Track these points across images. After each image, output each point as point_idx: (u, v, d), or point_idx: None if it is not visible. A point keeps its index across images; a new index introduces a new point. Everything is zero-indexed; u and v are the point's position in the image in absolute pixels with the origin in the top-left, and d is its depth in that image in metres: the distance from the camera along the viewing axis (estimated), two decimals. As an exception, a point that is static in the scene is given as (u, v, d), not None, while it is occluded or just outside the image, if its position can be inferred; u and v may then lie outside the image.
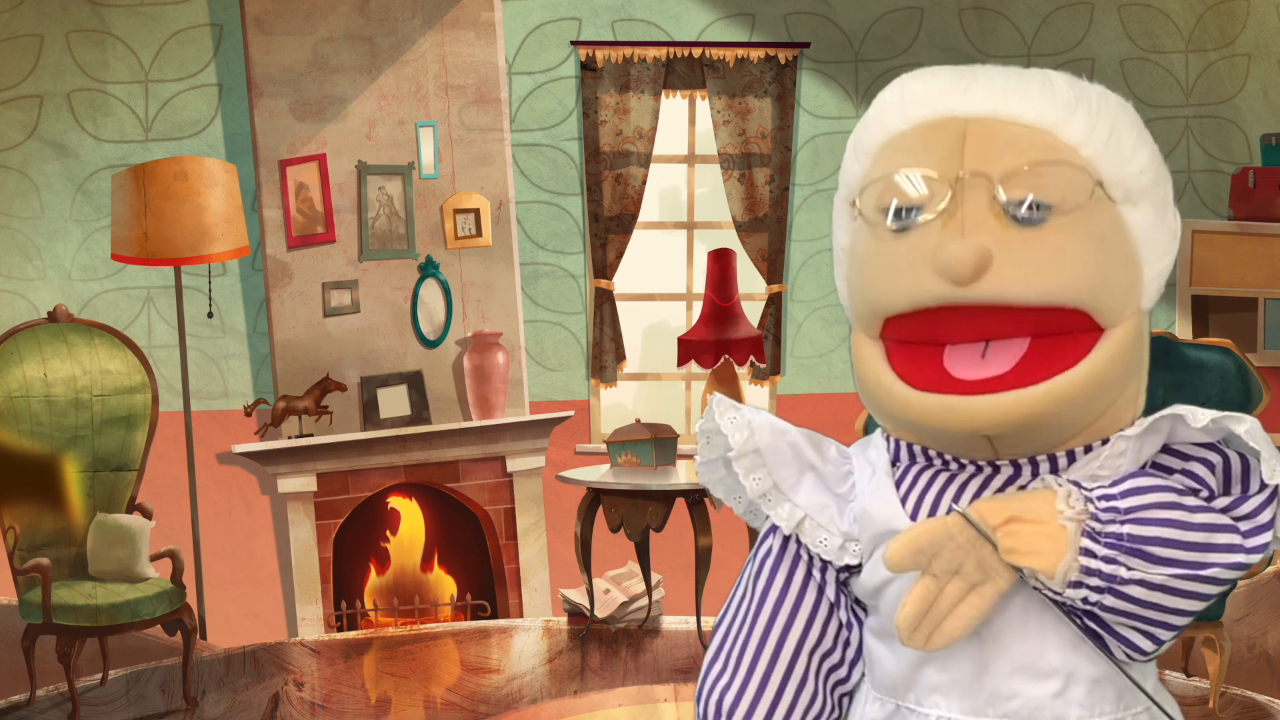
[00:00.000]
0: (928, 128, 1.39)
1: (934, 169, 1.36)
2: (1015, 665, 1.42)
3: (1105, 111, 1.40)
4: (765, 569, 1.56)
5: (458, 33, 6.92)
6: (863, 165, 1.44)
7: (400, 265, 6.89)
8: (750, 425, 1.52)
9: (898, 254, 1.36)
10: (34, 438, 5.13)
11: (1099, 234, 1.35)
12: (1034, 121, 1.37)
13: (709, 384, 5.77)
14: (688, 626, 5.95)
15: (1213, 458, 1.41)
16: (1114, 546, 1.31)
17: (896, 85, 1.46)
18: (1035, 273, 1.32)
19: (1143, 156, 1.41)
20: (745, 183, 7.12)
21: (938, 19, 7.09)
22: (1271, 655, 5.22)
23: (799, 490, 1.52)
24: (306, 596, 6.71)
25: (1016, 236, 1.32)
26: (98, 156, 6.73)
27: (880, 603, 1.49)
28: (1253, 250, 6.65)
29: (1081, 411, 1.37)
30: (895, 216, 1.36)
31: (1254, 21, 6.90)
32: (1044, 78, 1.40)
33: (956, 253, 1.31)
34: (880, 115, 1.44)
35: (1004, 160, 1.34)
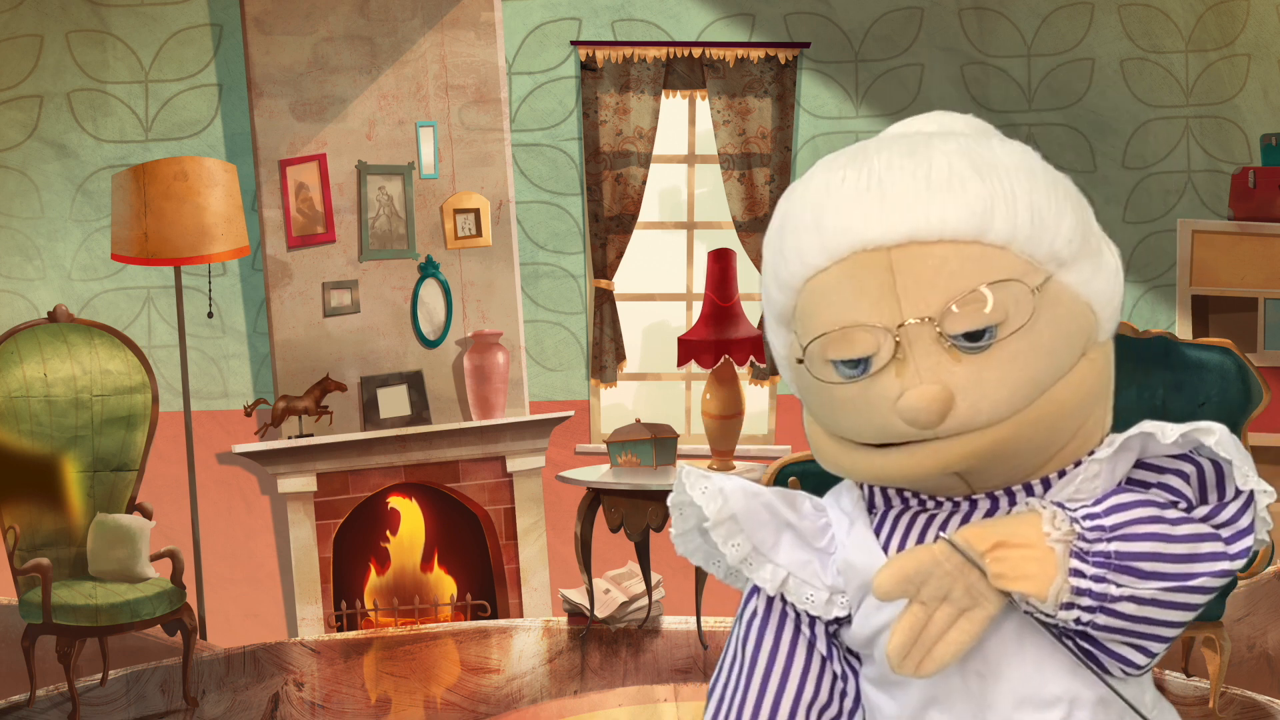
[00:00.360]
0: (852, 265, 1.37)
1: (872, 319, 1.34)
2: (1018, 698, 1.41)
3: (1018, 193, 1.36)
4: (753, 632, 1.55)
5: (458, 33, 6.92)
6: (787, 298, 1.44)
7: (400, 265, 6.89)
8: (723, 493, 1.51)
9: (856, 400, 1.36)
10: (34, 438, 5.13)
11: (1050, 326, 1.35)
12: (955, 235, 1.34)
13: (709, 384, 5.77)
14: (688, 626, 5.95)
15: (1186, 468, 1.41)
16: (1102, 565, 1.31)
17: (803, 202, 1.42)
18: (999, 397, 1.33)
19: (1067, 222, 1.38)
20: (745, 183, 7.12)
21: (938, 19, 7.09)
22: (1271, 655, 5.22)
23: (779, 550, 1.51)
24: (306, 596, 6.71)
25: (971, 365, 1.33)
26: (98, 156, 6.73)
27: (875, 651, 1.48)
28: (1253, 250, 6.65)
29: (1047, 437, 1.37)
30: (846, 368, 1.36)
31: (1254, 21, 6.90)
32: (949, 179, 1.35)
33: (919, 403, 1.31)
34: (797, 249, 1.41)
35: (940, 294, 1.33)
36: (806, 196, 1.42)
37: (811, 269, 1.40)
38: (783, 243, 1.44)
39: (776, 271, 1.45)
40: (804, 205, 1.42)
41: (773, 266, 1.46)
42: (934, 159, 1.37)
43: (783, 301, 1.45)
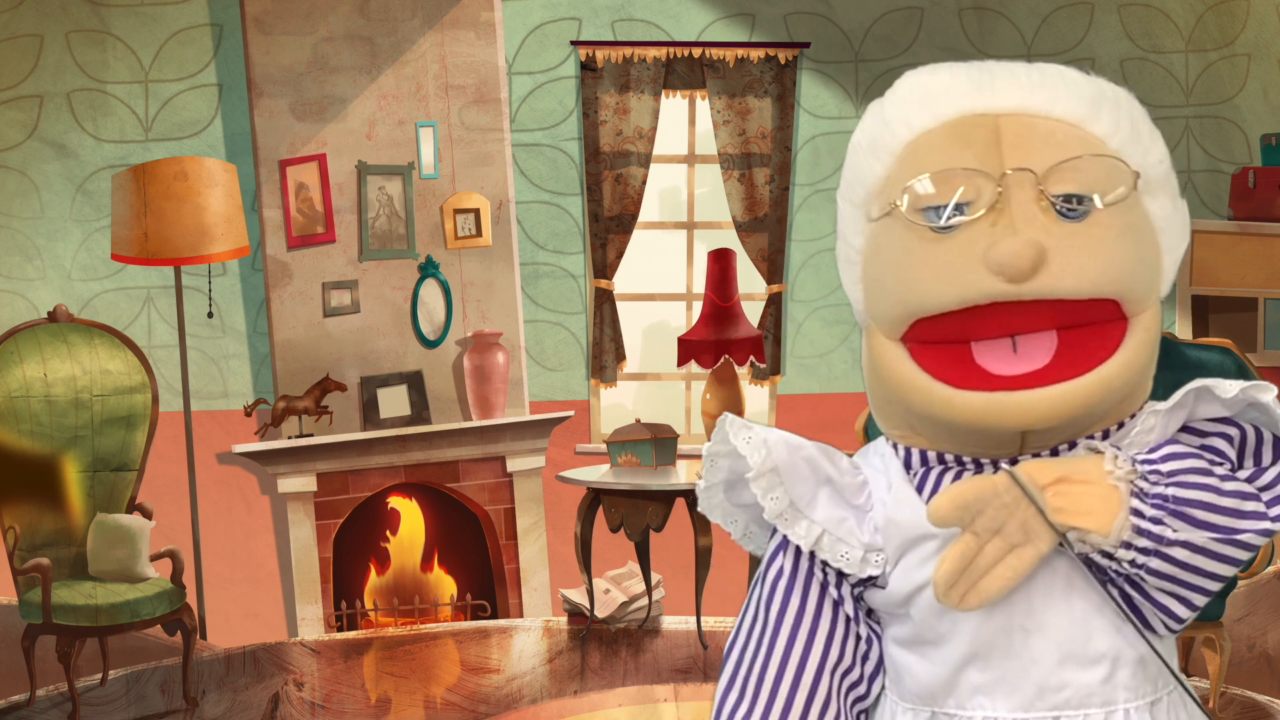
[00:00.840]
0: (958, 124, 1.38)
1: (976, 164, 1.35)
2: (1064, 654, 1.41)
3: (1123, 104, 1.42)
4: (779, 590, 1.52)
5: (458, 33, 6.92)
6: (885, 165, 1.42)
7: (400, 265, 6.89)
8: (767, 443, 1.48)
9: (943, 253, 1.34)
10: (34, 438, 5.13)
11: (1134, 225, 1.37)
12: (1063, 116, 1.38)
13: (709, 384, 5.77)
14: (688, 626, 5.95)
15: (1231, 431, 1.42)
16: (1160, 507, 1.32)
17: (912, 83, 1.44)
18: (1086, 266, 1.33)
19: (1159, 147, 1.43)
20: (745, 183, 7.12)
21: (938, 19, 7.09)
22: (1271, 655, 5.22)
23: (815, 506, 1.48)
24: (306, 596, 6.71)
25: (1065, 230, 1.33)
26: (98, 156, 6.73)
27: (912, 609, 1.46)
28: (1253, 250, 6.65)
29: (1117, 398, 1.38)
30: (938, 215, 1.35)
31: (1254, 21, 6.90)
32: (1061, 73, 1.41)
33: (1014, 249, 1.30)
34: (904, 114, 1.42)
35: (1045, 155, 1.35)
36: (913, 80, 1.44)
37: (916, 130, 1.41)
38: (885, 118, 1.44)
39: (877, 140, 1.44)
40: (909, 85, 1.44)
41: (869, 139, 1.45)
42: (1044, 66, 1.42)
43: (876, 173, 1.43)
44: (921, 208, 1.36)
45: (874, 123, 1.46)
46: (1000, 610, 1.41)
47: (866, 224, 1.44)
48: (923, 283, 1.36)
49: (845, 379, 7.23)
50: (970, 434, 1.40)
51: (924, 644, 1.47)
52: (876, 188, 1.43)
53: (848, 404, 6.63)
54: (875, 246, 1.43)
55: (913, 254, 1.37)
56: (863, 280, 1.46)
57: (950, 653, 1.44)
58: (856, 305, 1.49)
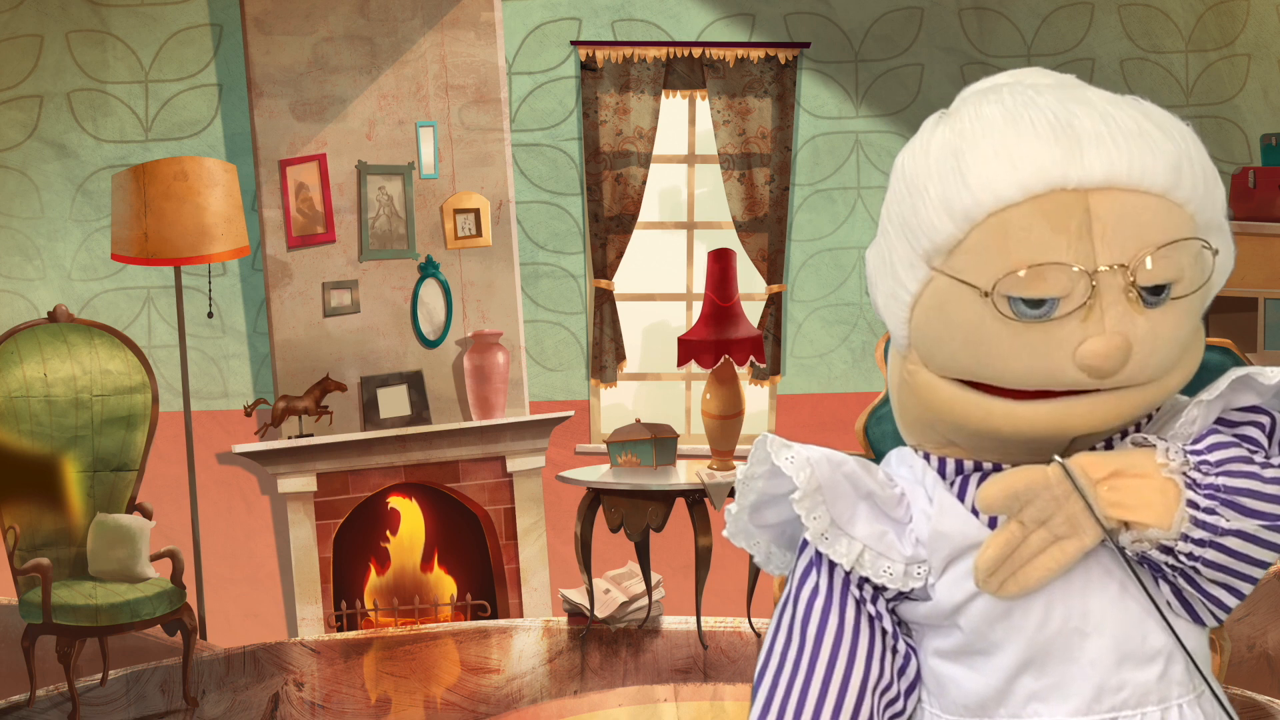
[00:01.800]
0: (1047, 203, 1.32)
1: (1070, 259, 1.31)
2: (1122, 654, 1.41)
3: (1195, 156, 1.37)
4: (815, 610, 1.47)
5: (458, 33, 6.92)
6: (960, 228, 1.35)
7: (400, 265, 6.89)
8: (810, 462, 1.44)
9: (1031, 342, 1.32)
10: (34, 438, 5.13)
11: (1205, 292, 1.38)
12: (1150, 188, 1.33)
13: (709, 384, 5.77)
14: (688, 626, 5.95)
15: (1262, 419, 1.43)
16: (1213, 498, 1.32)
17: (989, 139, 1.34)
18: (1167, 354, 1.34)
19: (1220, 190, 1.40)
20: (745, 183, 7.12)
21: (938, 19, 7.09)
22: (1271, 655, 5.22)
23: (855, 523, 1.45)
24: (306, 596, 6.71)
25: (1149, 320, 1.33)
26: (98, 156, 6.73)
27: (962, 619, 1.43)
28: (1253, 250, 6.65)
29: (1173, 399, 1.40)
30: (1029, 307, 1.32)
31: (1254, 21, 6.90)
32: (1140, 130, 1.34)
33: (1104, 351, 1.30)
34: (986, 180, 1.34)
35: (1137, 244, 1.32)
36: (991, 135, 1.35)
37: (1001, 202, 1.33)
38: (962, 170, 1.35)
39: (949, 200, 1.35)
40: (989, 142, 1.35)
41: (941, 194, 1.36)
42: (1109, 109, 1.36)
43: (949, 233, 1.36)
44: (1011, 295, 1.33)
45: (947, 172, 1.37)
46: (1056, 615, 1.40)
47: (928, 272, 1.39)
48: (1003, 365, 1.34)
49: (845, 379, 7.23)
50: (1029, 443, 1.38)
51: (973, 654, 1.45)
52: (946, 245, 1.37)
53: (848, 404, 6.63)
54: (939, 302, 1.38)
55: (995, 336, 1.34)
56: (912, 324, 1.42)
57: (1003, 661, 1.43)
58: (896, 334, 1.45)
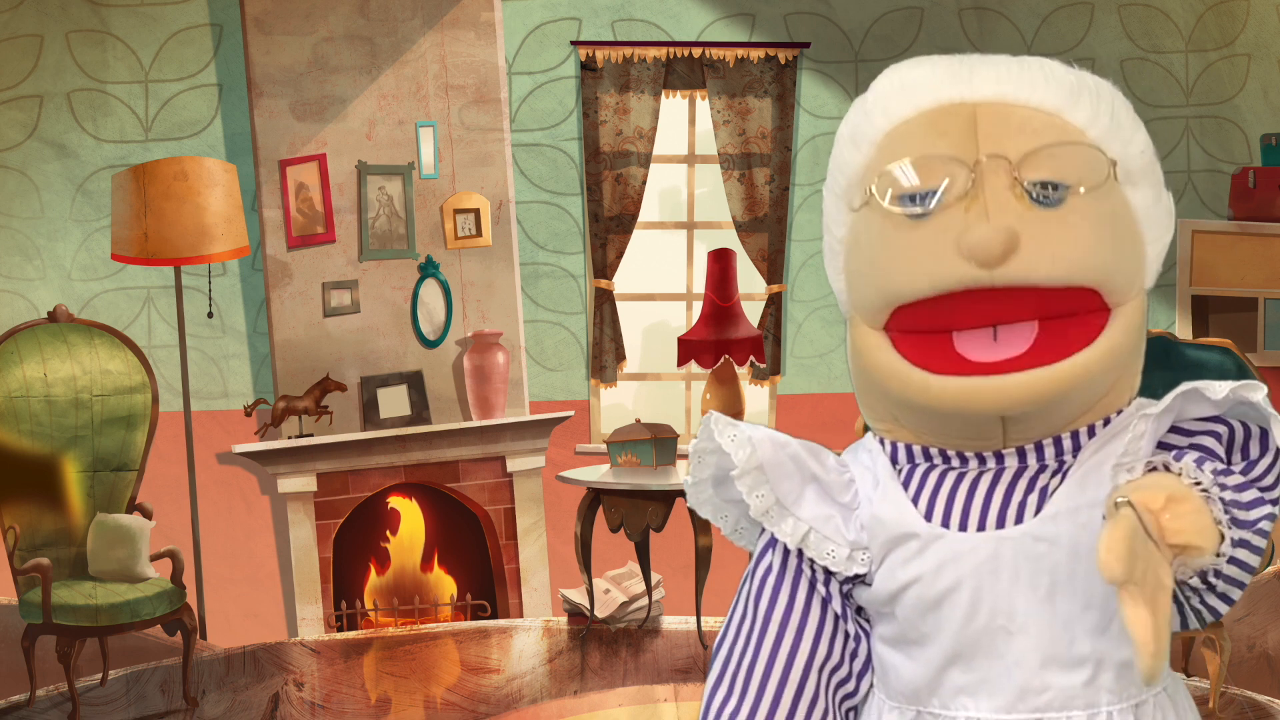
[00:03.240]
0: (935, 113, 1.39)
1: (951, 151, 1.35)
2: (1045, 656, 1.40)
3: (1103, 95, 1.42)
4: (767, 587, 1.52)
5: (458, 33, 6.92)
6: (865, 155, 1.43)
7: (400, 265, 6.89)
8: (751, 441, 1.48)
9: (918, 239, 1.35)
10: (34, 438, 5.13)
11: (1112, 214, 1.37)
12: (1041, 105, 1.38)
13: (709, 384, 5.77)
14: (688, 626, 5.95)
15: (1219, 429, 1.42)
16: (1226, 513, 1.32)
17: (893, 74, 1.45)
18: (1060, 253, 1.33)
19: (1140, 137, 1.44)
20: (745, 183, 7.12)
21: (938, 19, 7.09)
22: (1271, 655, 5.22)
23: (802, 504, 1.48)
24: (306, 596, 6.71)
25: (1038, 217, 1.33)
26: (98, 156, 6.73)
27: (897, 608, 1.46)
28: (1253, 250, 6.65)
29: (1097, 387, 1.38)
30: (913, 202, 1.35)
31: (1254, 21, 6.90)
32: (1040, 64, 1.42)
33: (986, 235, 1.31)
34: (883, 103, 1.43)
35: (1021, 142, 1.35)
36: (894, 73, 1.46)
37: (895, 119, 1.41)
38: (866, 109, 1.45)
39: (857, 130, 1.45)
40: (890, 78, 1.45)
41: (851, 130, 1.46)
42: (1025, 58, 1.43)
43: (856, 161, 1.44)
44: (898, 195, 1.37)
45: (856, 114, 1.46)
46: (983, 612, 1.41)
47: (848, 214, 1.46)
48: (898, 270, 1.37)
49: (845, 379, 7.20)
50: (949, 420, 1.40)
51: (908, 643, 1.47)
52: (856, 177, 1.44)
53: (848, 404, 6.61)
54: (855, 236, 1.44)
55: (889, 242, 1.38)
56: (845, 271, 1.47)
57: (933, 653, 1.44)
58: (840, 296, 1.50)
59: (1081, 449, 1.41)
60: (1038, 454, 1.41)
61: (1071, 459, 1.41)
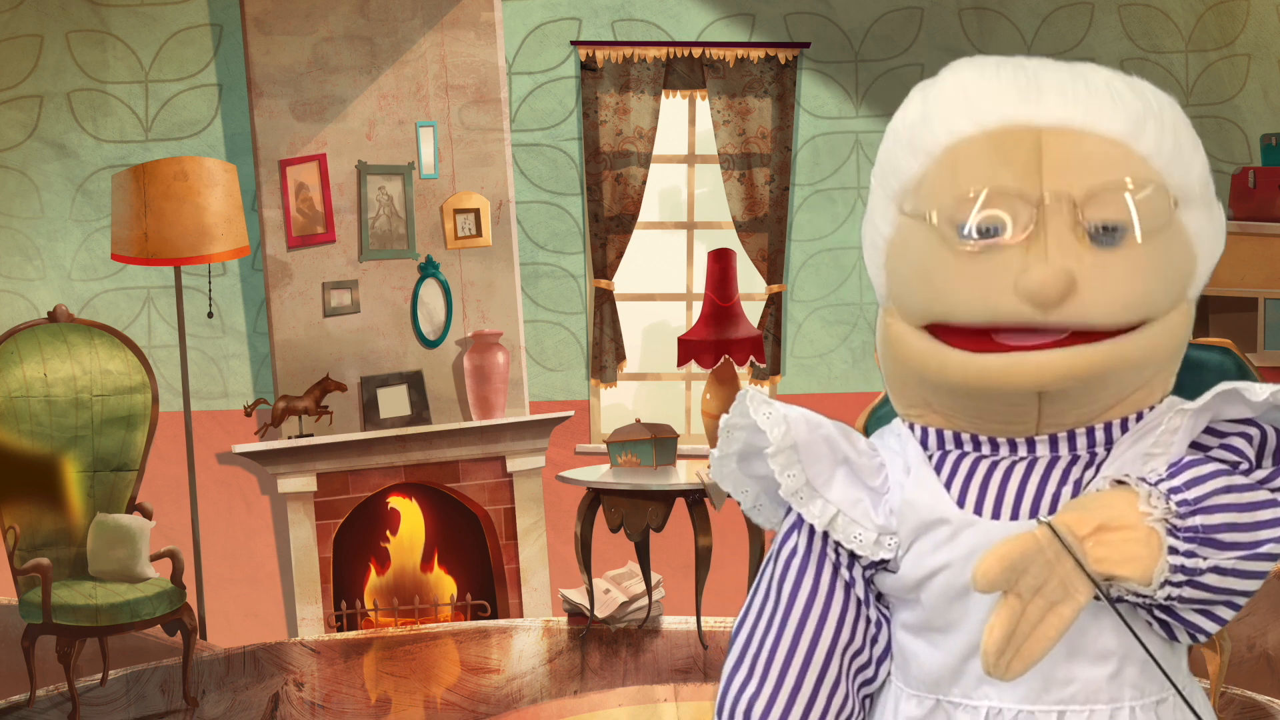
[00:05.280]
0: (999, 135, 1.36)
1: (1014, 186, 1.33)
2: (1072, 649, 1.40)
3: (1167, 118, 1.39)
4: (791, 569, 1.51)
5: (458, 33, 6.92)
6: (921, 164, 1.41)
7: (400, 265, 6.89)
8: (787, 420, 1.48)
9: (975, 271, 1.33)
10: (34, 438, 5.13)
11: (1169, 249, 1.36)
12: (1107, 133, 1.35)
13: (709, 384, 5.77)
14: (688, 626, 5.95)
15: (1251, 431, 1.41)
16: (1191, 540, 1.30)
17: (957, 79, 1.41)
18: (1117, 297, 1.32)
19: (1200, 159, 1.41)
20: (745, 183, 7.12)
21: (938, 19, 7.09)
22: (1271, 655, 5.22)
23: (831, 486, 1.48)
24: (306, 596, 6.71)
25: (1097, 259, 1.32)
26: (98, 156, 6.73)
27: (923, 595, 1.45)
28: (1253, 250, 6.65)
29: (1134, 375, 1.38)
30: (975, 234, 1.34)
31: (1254, 21, 6.90)
32: (1106, 84, 1.38)
33: (1045, 279, 1.30)
34: (945, 114, 1.40)
35: (1086, 179, 1.33)
36: (957, 80, 1.41)
37: (956, 135, 1.38)
38: (927, 114, 1.41)
39: (916, 138, 1.41)
40: (954, 85, 1.41)
41: (908, 137, 1.42)
42: (1087, 70, 1.39)
43: (912, 170, 1.41)
44: (957, 223, 1.35)
45: (915, 115, 1.43)
46: None
47: (898, 215, 1.43)
48: (952, 295, 1.36)
49: (845, 379, 7.23)
50: (986, 399, 1.39)
51: (933, 631, 1.46)
52: (911, 184, 1.41)
53: (848, 404, 6.62)
54: (904, 240, 1.42)
55: (944, 265, 1.36)
56: (887, 268, 1.45)
57: (958, 641, 1.43)
58: (878, 287, 1.48)
59: (1114, 443, 1.41)
60: (1070, 444, 1.41)
61: (1103, 452, 1.41)
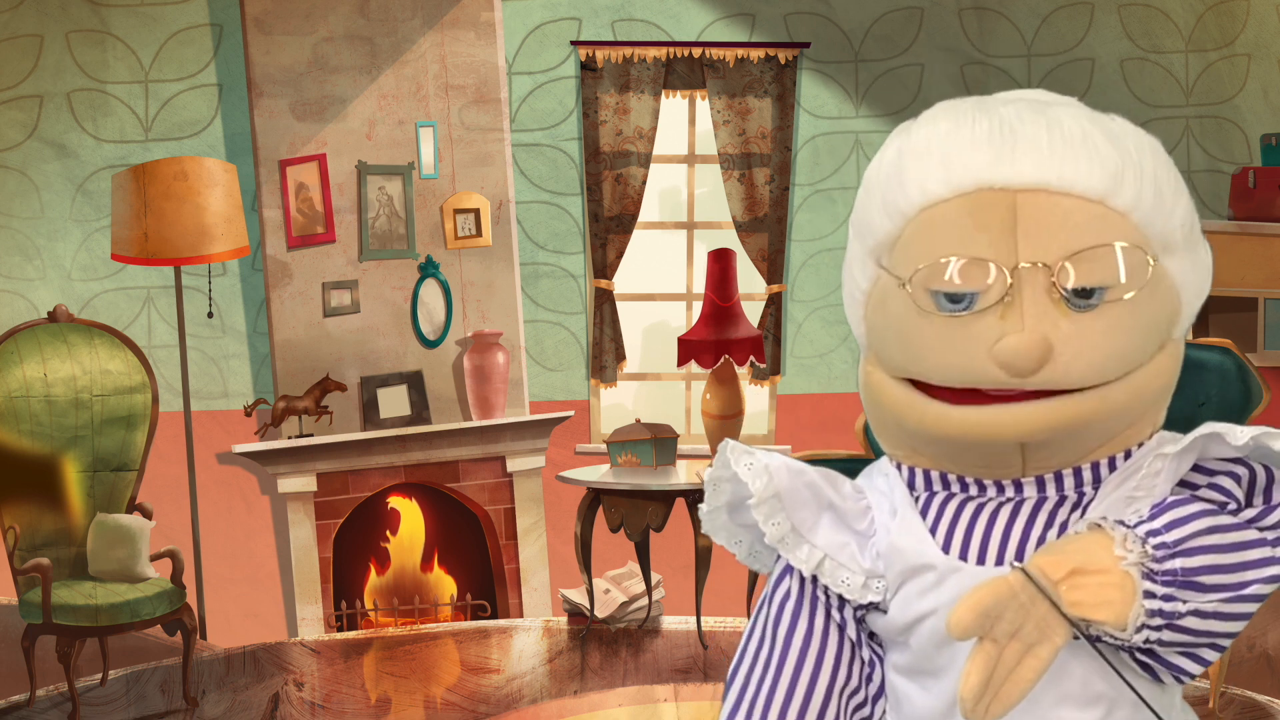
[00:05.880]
0: (973, 200, 1.35)
1: (989, 255, 1.32)
2: (1061, 694, 1.39)
3: (1146, 168, 1.36)
4: (786, 613, 1.51)
5: (458, 33, 6.92)
6: (896, 225, 1.40)
7: (400, 265, 6.89)
8: (768, 470, 1.47)
9: (951, 337, 1.33)
10: (34, 438, 5.13)
11: (1150, 303, 1.35)
12: (1085, 193, 1.33)
13: (709, 384, 5.77)
14: (688, 626, 5.95)
15: (1239, 470, 1.39)
16: (1170, 583, 1.29)
17: (930, 135, 1.39)
18: (1095, 359, 1.31)
19: (1183, 205, 1.39)
20: (745, 183, 7.12)
21: (938, 19, 7.09)
22: (1271, 655, 5.22)
23: (817, 531, 1.48)
24: (306, 596, 6.71)
25: (1074, 323, 1.31)
26: (98, 156, 6.73)
27: (912, 639, 1.45)
28: (1253, 250, 6.65)
29: (1119, 419, 1.36)
30: (949, 301, 1.33)
31: (1254, 21, 6.90)
32: (1084, 138, 1.35)
33: (1020, 347, 1.29)
34: (918, 175, 1.38)
35: (1062, 243, 1.32)
36: (932, 132, 1.39)
37: (931, 198, 1.37)
38: (901, 170, 1.40)
39: (887, 199, 1.41)
40: (928, 140, 1.39)
41: (882, 194, 1.41)
42: (1064, 120, 1.37)
43: (887, 230, 1.40)
44: (931, 290, 1.34)
45: (890, 170, 1.41)
46: None
47: (875, 269, 1.43)
48: (929, 357, 1.35)
49: (845, 379, 7.23)
50: (968, 450, 1.39)
51: (922, 674, 1.46)
52: (886, 242, 1.41)
53: (848, 404, 6.63)
54: (881, 298, 1.41)
55: (919, 330, 1.36)
56: (866, 320, 1.45)
57: (948, 686, 1.43)
58: (858, 336, 1.48)
59: (1102, 482, 1.39)
60: (1057, 484, 1.40)
61: (1091, 491, 1.40)
